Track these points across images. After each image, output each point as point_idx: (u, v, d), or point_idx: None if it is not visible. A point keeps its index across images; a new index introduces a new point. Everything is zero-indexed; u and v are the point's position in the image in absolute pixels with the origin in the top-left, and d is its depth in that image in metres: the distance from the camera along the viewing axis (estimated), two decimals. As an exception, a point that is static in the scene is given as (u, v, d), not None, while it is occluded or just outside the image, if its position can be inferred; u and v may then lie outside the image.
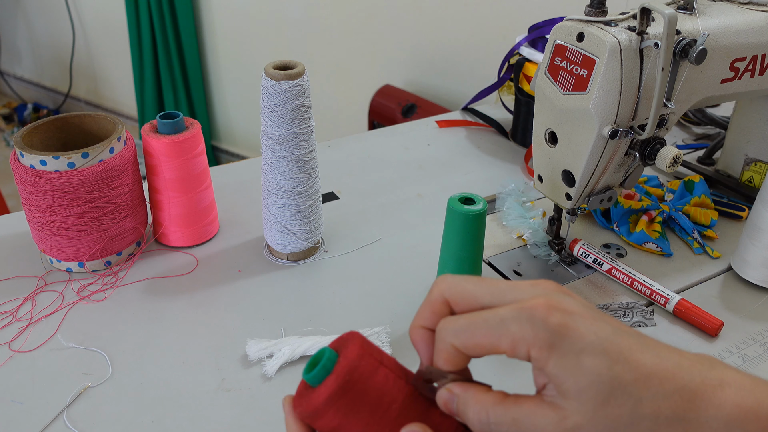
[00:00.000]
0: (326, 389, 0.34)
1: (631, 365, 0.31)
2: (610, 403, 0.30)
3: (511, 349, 0.32)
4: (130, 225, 0.75)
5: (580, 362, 0.31)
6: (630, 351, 0.31)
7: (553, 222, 0.79)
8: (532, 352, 0.31)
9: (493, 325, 0.32)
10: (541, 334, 0.31)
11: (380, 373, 0.34)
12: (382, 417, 0.34)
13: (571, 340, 0.31)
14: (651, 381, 0.31)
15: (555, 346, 0.31)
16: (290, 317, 0.69)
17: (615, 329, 0.32)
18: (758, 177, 0.89)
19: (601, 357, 0.31)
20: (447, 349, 0.34)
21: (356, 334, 0.36)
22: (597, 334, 0.31)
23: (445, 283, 0.36)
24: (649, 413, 0.30)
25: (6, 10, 3.01)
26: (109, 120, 0.75)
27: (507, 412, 0.32)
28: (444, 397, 0.34)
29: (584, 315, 0.32)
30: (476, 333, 0.33)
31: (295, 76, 0.67)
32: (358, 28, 1.96)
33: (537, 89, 0.71)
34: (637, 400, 0.30)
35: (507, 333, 0.32)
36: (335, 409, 0.33)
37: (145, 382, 0.61)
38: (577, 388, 0.31)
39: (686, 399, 0.31)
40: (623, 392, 0.30)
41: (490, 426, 0.33)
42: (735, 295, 0.74)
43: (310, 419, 0.35)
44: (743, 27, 0.71)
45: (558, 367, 0.31)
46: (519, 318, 0.32)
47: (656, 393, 0.31)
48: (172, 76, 2.41)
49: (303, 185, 0.73)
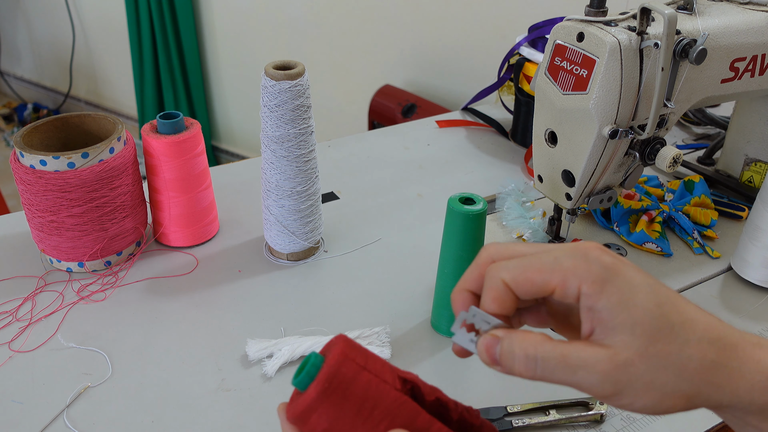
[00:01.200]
0: (308, 395, 0.34)
1: (678, 309, 0.32)
2: (661, 339, 0.31)
3: (562, 285, 0.32)
4: (130, 225, 0.75)
5: (632, 297, 0.31)
6: (676, 298, 0.33)
7: (553, 222, 0.79)
8: (584, 287, 0.32)
9: (546, 261, 0.33)
10: (595, 269, 0.32)
11: (362, 377, 0.34)
12: (366, 421, 0.34)
13: (624, 278, 0.32)
14: (696, 325, 0.32)
15: (608, 281, 0.32)
16: (290, 317, 0.69)
17: (658, 281, 0.33)
18: (758, 177, 0.89)
19: (652, 296, 0.32)
20: (497, 286, 0.34)
21: (341, 337, 0.36)
22: (645, 279, 0.32)
23: (493, 247, 0.36)
24: (696, 354, 0.31)
25: (6, 10, 3.01)
26: (109, 120, 0.75)
27: (556, 348, 0.32)
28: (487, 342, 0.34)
29: (630, 265, 0.33)
30: (529, 268, 0.33)
31: (295, 76, 0.67)
32: (358, 28, 1.96)
33: (537, 89, 0.71)
34: (685, 340, 0.31)
35: (560, 268, 0.32)
36: (318, 414, 0.34)
37: (145, 382, 0.61)
38: (630, 321, 0.31)
39: (729, 348, 0.32)
40: (671, 331, 0.31)
41: (536, 362, 0.32)
42: (735, 295, 0.74)
43: (299, 424, 0.35)
44: (743, 27, 0.71)
45: (612, 300, 0.31)
46: (573, 255, 0.33)
47: (702, 337, 0.32)
48: (172, 76, 2.41)
49: (303, 185, 0.73)
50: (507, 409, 0.58)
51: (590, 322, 0.32)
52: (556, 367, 0.32)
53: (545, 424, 0.57)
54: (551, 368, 0.32)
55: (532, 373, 0.33)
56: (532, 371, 0.33)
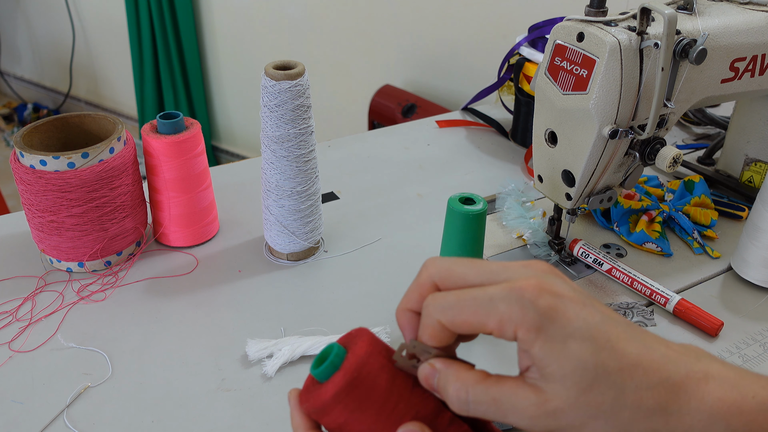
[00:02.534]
0: (334, 385, 0.33)
1: (617, 354, 0.31)
2: (593, 390, 0.30)
3: (498, 329, 0.31)
4: (130, 225, 0.75)
5: (566, 347, 0.30)
6: (617, 339, 0.31)
7: (553, 222, 0.79)
8: (519, 333, 0.31)
9: (481, 303, 0.32)
10: (530, 315, 0.31)
11: (388, 371, 0.34)
12: (389, 415, 0.34)
13: (559, 324, 0.31)
14: (636, 371, 0.31)
15: (542, 329, 0.30)
16: (290, 317, 0.69)
17: (604, 316, 0.32)
18: (758, 177, 0.89)
19: (588, 343, 0.30)
20: (433, 324, 0.33)
21: (365, 330, 0.36)
22: (585, 320, 0.31)
23: (434, 267, 0.35)
24: (631, 403, 0.30)
25: (6, 10, 3.01)
26: (109, 120, 0.75)
27: (487, 391, 0.32)
28: (425, 372, 0.34)
29: (574, 299, 0.32)
30: (464, 310, 0.32)
31: (295, 76, 0.67)
32: (358, 28, 1.96)
33: (537, 89, 0.71)
34: (621, 389, 0.30)
35: (495, 312, 0.31)
36: (342, 405, 0.33)
37: (145, 382, 0.61)
38: (562, 372, 0.30)
39: (670, 391, 0.31)
40: (607, 380, 0.30)
41: (468, 405, 0.32)
42: (735, 295, 0.74)
43: (316, 415, 0.35)
44: (743, 27, 0.71)
45: (544, 350, 0.30)
46: (509, 297, 0.31)
47: (640, 383, 0.30)
48: (172, 76, 2.41)
49: (303, 185, 0.73)
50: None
51: (526, 361, 0.32)
52: (487, 410, 0.32)
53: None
54: (483, 410, 0.32)
55: (465, 412, 0.33)
56: (465, 411, 0.33)
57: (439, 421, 0.34)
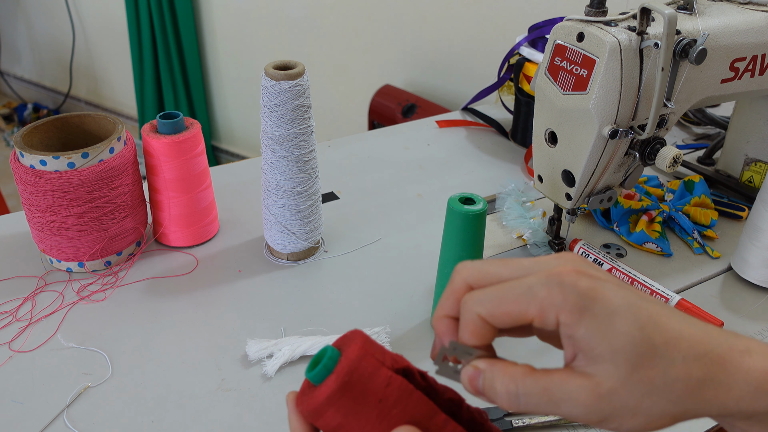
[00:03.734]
0: (326, 388, 0.33)
1: (661, 328, 0.31)
2: (644, 365, 0.30)
3: (539, 315, 0.31)
4: (130, 225, 0.75)
5: (612, 324, 0.30)
6: (658, 315, 0.31)
7: (553, 222, 0.79)
8: (562, 317, 0.31)
9: (521, 292, 0.32)
10: (571, 297, 0.31)
11: (381, 374, 0.34)
12: (383, 418, 0.33)
13: (602, 304, 0.31)
14: (681, 343, 0.31)
15: (586, 309, 0.31)
16: (290, 317, 0.69)
17: (640, 296, 0.32)
18: (758, 177, 0.89)
19: (632, 320, 0.31)
20: (473, 320, 0.33)
21: (359, 333, 0.36)
22: (625, 298, 0.31)
23: (466, 270, 0.35)
24: (682, 375, 0.30)
25: (6, 10, 3.01)
26: (109, 120, 0.75)
27: (537, 382, 0.32)
28: (469, 374, 0.33)
29: (611, 281, 0.32)
30: (504, 300, 0.32)
31: (295, 76, 0.67)
32: (358, 28, 1.96)
33: (537, 89, 0.71)
34: (669, 361, 0.30)
35: (535, 299, 0.31)
36: (335, 408, 0.33)
37: (145, 382, 0.61)
38: (611, 350, 0.30)
39: (715, 362, 0.31)
40: (655, 354, 0.30)
41: (519, 398, 0.32)
42: (735, 295, 0.74)
43: (311, 417, 0.35)
44: (743, 27, 0.71)
45: (590, 329, 0.30)
46: (548, 283, 0.31)
47: (687, 355, 0.31)
48: (172, 76, 2.41)
49: (303, 185, 0.73)
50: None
51: (572, 349, 0.32)
52: (539, 402, 0.32)
53: (545, 424, 0.57)
54: (534, 403, 0.32)
55: (515, 407, 0.32)
56: (515, 406, 0.32)
57: (433, 423, 0.34)
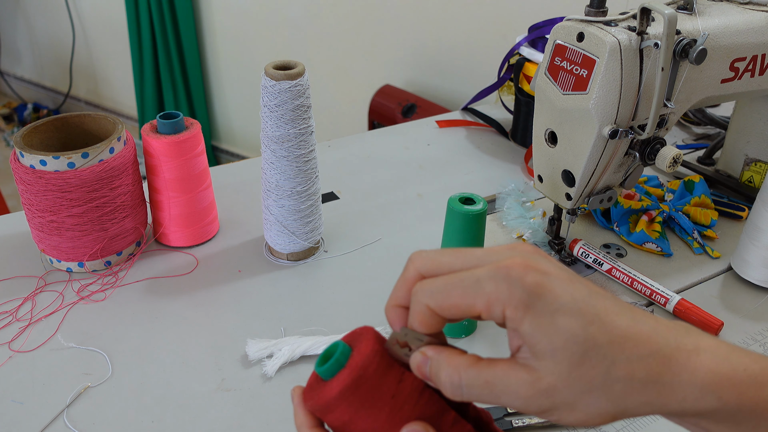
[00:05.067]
0: (339, 383, 0.33)
1: (606, 327, 0.31)
2: (584, 364, 0.30)
3: (486, 309, 0.31)
4: (130, 225, 0.75)
5: (555, 322, 0.30)
6: (606, 313, 0.31)
7: (553, 222, 0.79)
8: (507, 312, 0.31)
9: (468, 285, 0.32)
10: (517, 293, 0.31)
11: (394, 370, 0.34)
12: (394, 414, 0.33)
13: (547, 300, 0.31)
14: (626, 343, 0.31)
15: (530, 306, 0.30)
16: (290, 317, 0.69)
17: (591, 291, 0.32)
18: (758, 177, 0.89)
19: (576, 317, 0.30)
20: (422, 310, 0.33)
21: (370, 329, 0.36)
22: (573, 295, 0.31)
23: (420, 259, 0.35)
24: (623, 375, 0.30)
25: (6, 10, 3.01)
26: (109, 120, 0.75)
27: (480, 374, 0.32)
28: (417, 360, 0.34)
29: (560, 276, 0.32)
30: (452, 293, 0.32)
31: (295, 76, 0.67)
32: (358, 28, 1.96)
33: (537, 89, 0.71)
34: (611, 361, 0.30)
35: (482, 292, 0.31)
36: (347, 403, 0.33)
37: (145, 382, 0.61)
38: (552, 348, 0.30)
39: (660, 363, 0.31)
40: (597, 353, 0.30)
41: (462, 389, 0.32)
42: (735, 295, 0.74)
43: (320, 412, 0.35)
44: (743, 27, 0.71)
45: (533, 326, 0.30)
46: (495, 277, 0.31)
47: (630, 355, 0.30)
48: (172, 76, 2.41)
49: (303, 185, 0.73)
50: (507, 409, 0.58)
51: (516, 341, 0.32)
52: (481, 393, 0.32)
53: (545, 424, 0.57)
54: (476, 394, 0.32)
55: (459, 397, 0.33)
56: (459, 396, 0.32)
57: (443, 421, 0.34)
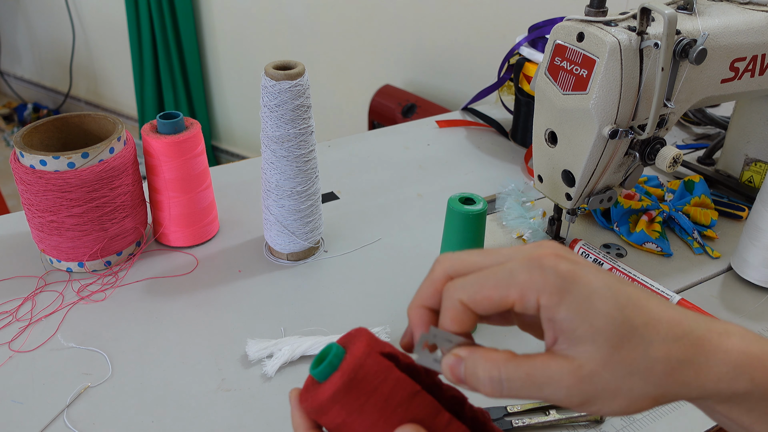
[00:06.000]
0: (331, 385, 0.33)
1: (641, 310, 0.31)
2: (624, 346, 0.30)
3: (520, 298, 0.31)
4: (130, 225, 0.75)
5: (592, 305, 0.31)
6: (638, 297, 0.32)
7: (553, 222, 0.79)
8: (543, 299, 0.31)
9: (502, 277, 0.32)
10: (551, 279, 0.31)
11: (387, 372, 0.34)
12: (388, 416, 0.33)
13: (582, 285, 0.31)
14: (660, 325, 0.31)
15: (566, 291, 0.31)
16: (290, 317, 0.69)
17: (619, 279, 0.32)
18: (758, 177, 0.89)
19: (612, 301, 0.31)
20: (455, 306, 0.33)
21: (364, 330, 0.36)
22: (604, 281, 0.31)
23: (447, 260, 0.35)
24: (662, 355, 0.31)
25: (6, 10, 3.01)
26: (109, 120, 0.75)
27: (519, 367, 0.32)
28: (450, 362, 0.33)
29: (590, 265, 0.32)
30: (485, 285, 0.32)
31: (295, 76, 0.67)
32: (358, 28, 1.96)
33: (537, 89, 0.71)
34: (649, 342, 0.31)
35: (516, 282, 0.32)
36: (340, 405, 0.33)
37: (145, 382, 0.61)
38: (591, 331, 0.30)
39: (694, 343, 0.31)
40: (635, 335, 0.31)
41: (502, 383, 0.32)
42: (735, 295, 0.74)
43: (315, 414, 0.35)
44: (743, 27, 0.71)
45: (570, 311, 0.31)
46: (528, 267, 0.32)
47: (666, 336, 0.31)
48: (172, 76, 2.41)
49: (303, 185, 0.73)
50: (507, 409, 0.58)
51: (553, 332, 0.32)
52: (522, 387, 0.32)
53: (545, 424, 0.57)
54: (517, 388, 0.32)
55: (499, 394, 0.32)
56: (498, 392, 0.32)
57: (437, 422, 0.34)
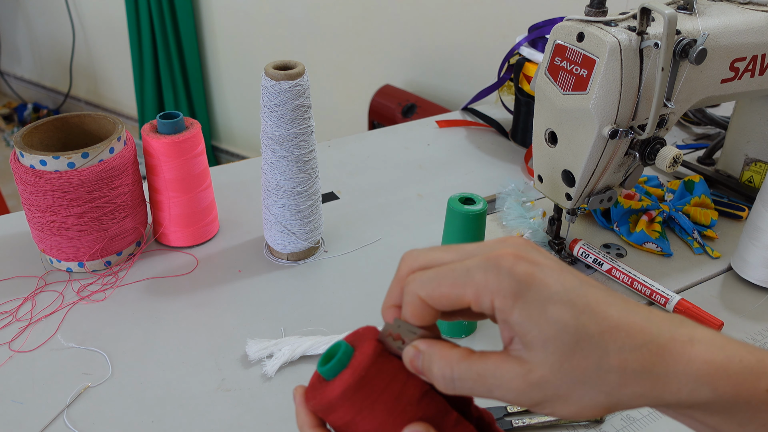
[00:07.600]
0: (341, 383, 0.33)
1: (598, 317, 0.30)
2: (576, 354, 0.30)
3: (475, 299, 0.31)
4: (130, 225, 0.75)
5: (545, 312, 0.30)
6: (597, 303, 0.30)
7: (553, 222, 0.79)
8: (497, 302, 0.31)
9: (459, 275, 0.32)
10: (506, 282, 0.30)
11: (396, 370, 0.34)
12: (396, 415, 0.33)
13: (537, 290, 0.30)
14: (618, 333, 0.30)
15: (520, 295, 0.30)
16: (290, 317, 0.69)
17: (582, 281, 0.31)
18: (758, 177, 0.89)
19: (567, 307, 0.30)
20: (414, 301, 0.33)
21: (373, 329, 0.36)
22: (563, 284, 0.30)
23: (412, 258, 0.35)
24: (616, 366, 0.30)
25: (6, 10, 3.01)
26: (109, 120, 0.75)
27: (472, 367, 0.32)
28: (410, 354, 0.34)
29: (551, 266, 0.31)
30: (442, 283, 0.32)
31: (295, 76, 0.67)
32: (358, 28, 1.96)
33: (537, 89, 0.71)
34: (604, 351, 0.30)
35: (472, 282, 0.31)
36: (349, 404, 0.33)
37: (145, 382, 0.61)
38: (543, 338, 0.30)
39: (654, 353, 0.30)
40: (589, 343, 0.30)
41: (454, 382, 0.32)
42: (735, 295, 0.74)
43: (322, 412, 0.35)
44: (743, 27, 0.71)
45: (523, 316, 0.30)
46: (485, 267, 0.31)
47: (623, 345, 0.30)
48: (172, 76, 2.41)
49: (303, 185, 0.73)
50: (507, 409, 0.58)
51: (507, 333, 0.32)
52: (473, 386, 0.32)
53: (545, 424, 0.58)
54: (469, 387, 0.32)
55: (451, 391, 0.32)
56: (451, 389, 0.32)
57: (445, 421, 0.34)
